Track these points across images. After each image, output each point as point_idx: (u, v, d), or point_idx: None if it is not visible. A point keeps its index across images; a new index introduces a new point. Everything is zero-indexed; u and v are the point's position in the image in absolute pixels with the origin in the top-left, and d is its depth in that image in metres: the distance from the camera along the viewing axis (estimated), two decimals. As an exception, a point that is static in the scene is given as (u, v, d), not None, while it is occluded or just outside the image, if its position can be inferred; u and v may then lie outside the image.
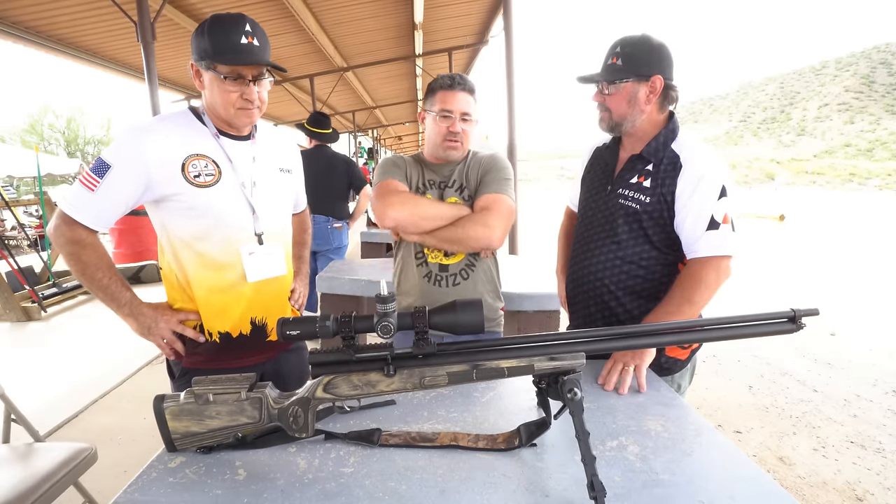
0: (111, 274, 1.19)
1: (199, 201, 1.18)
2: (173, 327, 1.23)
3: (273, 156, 1.35)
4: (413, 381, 0.83)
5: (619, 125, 1.32)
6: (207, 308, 1.25)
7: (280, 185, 1.35)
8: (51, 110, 43.34)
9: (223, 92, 1.17)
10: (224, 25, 1.14)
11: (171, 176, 1.15)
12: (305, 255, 1.65)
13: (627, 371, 1.15)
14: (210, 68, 1.15)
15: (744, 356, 3.87)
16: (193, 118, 1.23)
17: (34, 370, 3.65)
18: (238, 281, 1.26)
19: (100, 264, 1.17)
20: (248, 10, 5.37)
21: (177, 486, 0.81)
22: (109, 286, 1.18)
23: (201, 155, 1.19)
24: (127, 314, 1.20)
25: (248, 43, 1.15)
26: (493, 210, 1.41)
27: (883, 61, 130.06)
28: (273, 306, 1.34)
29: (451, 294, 1.49)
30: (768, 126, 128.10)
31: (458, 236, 1.41)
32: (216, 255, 1.22)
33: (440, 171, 1.52)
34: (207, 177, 1.18)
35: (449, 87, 1.43)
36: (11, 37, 4.90)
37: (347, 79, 10.15)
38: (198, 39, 1.16)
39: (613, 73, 1.27)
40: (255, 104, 1.20)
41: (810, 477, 2.35)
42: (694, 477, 0.82)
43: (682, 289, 1.23)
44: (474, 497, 0.78)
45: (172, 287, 1.27)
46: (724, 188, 1.21)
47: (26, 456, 1.56)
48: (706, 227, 1.21)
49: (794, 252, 9.40)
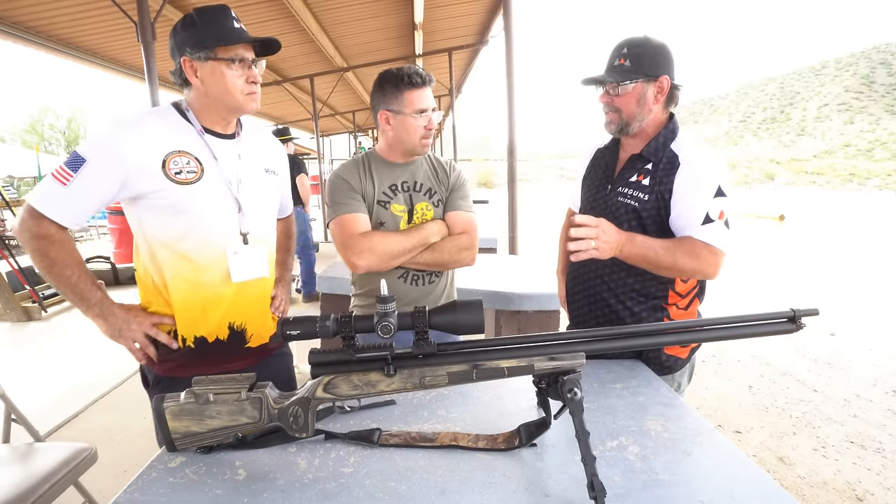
0: (80, 272, 1.13)
1: (180, 199, 1.13)
2: (146, 330, 1.18)
3: (258, 155, 1.32)
4: (413, 381, 0.83)
5: (628, 126, 1.32)
6: (184, 312, 1.20)
7: (266, 185, 1.32)
8: (51, 110, 43.40)
9: (229, 78, 1.14)
10: (215, 14, 1.13)
11: (150, 172, 1.11)
12: (289, 263, 1.59)
13: (588, 243, 1.11)
14: (210, 57, 1.13)
15: (744, 356, 3.87)
16: (177, 114, 1.20)
17: (34, 370, 3.65)
18: (219, 282, 1.21)
19: (69, 261, 1.12)
20: (248, 10, 5.38)
21: (177, 486, 0.81)
22: (78, 284, 1.13)
23: (183, 152, 1.15)
24: (97, 314, 1.15)
25: (240, 27, 1.16)
26: (469, 232, 1.51)
27: (883, 61, 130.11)
28: (253, 311, 1.30)
29: (426, 293, 1.52)
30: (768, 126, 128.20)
31: (443, 261, 1.47)
32: (197, 255, 1.18)
33: (402, 172, 1.51)
34: (189, 174, 1.15)
35: (419, 84, 1.42)
36: (11, 37, 4.90)
37: (347, 79, 10.15)
38: (188, 32, 1.13)
39: (623, 74, 1.27)
40: (258, 87, 1.19)
41: (810, 477, 2.35)
42: (694, 477, 0.82)
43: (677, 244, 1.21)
44: (474, 497, 0.78)
45: (147, 289, 1.22)
46: (719, 188, 1.22)
47: (26, 456, 1.56)
48: (701, 223, 1.21)
49: (794, 252, 9.40)
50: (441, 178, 1.54)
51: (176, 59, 1.17)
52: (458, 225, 1.50)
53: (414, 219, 1.49)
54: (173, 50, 1.17)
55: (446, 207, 1.52)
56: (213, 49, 1.12)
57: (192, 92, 1.19)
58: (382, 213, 1.47)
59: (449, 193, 1.53)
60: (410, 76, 1.42)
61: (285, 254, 1.57)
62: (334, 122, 16.34)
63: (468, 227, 1.51)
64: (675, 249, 1.20)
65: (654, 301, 1.34)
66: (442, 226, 1.49)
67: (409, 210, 1.48)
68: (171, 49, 1.18)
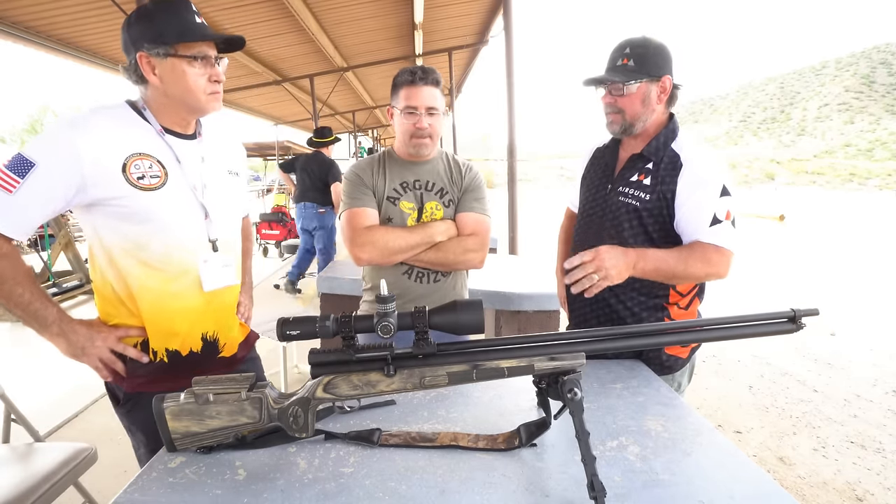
0: (32, 289, 1.02)
1: (143, 205, 1.04)
2: (111, 345, 1.09)
3: (221, 157, 1.24)
4: (413, 381, 0.83)
5: (632, 126, 1.31)
6: (154, 323, 1.11)
7: (229, 188, 1.24)
8: (51, 110, 43.36)
9: (191, 77, 1.05)
10: (174, 6, 1.04)
11: (109, 177, 1.01)
12: (248, 266, 1.51)
13: (591, 279, 1.10)
14: (170, 54, 1.03)
15: (744, 356, 3.87)
16: (133, 113, 1.09)
17: (34, 370, 3.65)
18: (188, 292, 1.14)
19: (18, 278, 1.00)
20: (248, 10, 5.37)
21: (177, 486, 0.81)
22: (32, 303, 1.02)
23: (145, 154, 1.06)
24: (56, 334, 1.05)
25: (202, 22, 1.07)
26: (479, 234, 1.48)
27: (883, 61, 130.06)
28: (224, 320, 1.24)
29: (431, 291, 1.50)
30: (768, 126, 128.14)
31: (447, 261, 1.45)
32: (163, 263, 1.09)
33: (415, 170, 1.50)
34: (153, 178, 1.06)
35: (410, 82, 1.39)
36: (11, 37, 4.90)
37: (347, 79, 10.15)
38: (142, 26, 1.03)
39: (628, 74, 1.26)
40: (221, 86, 1.11)
41: (810, 477, 2.35)
42: (694, 477, 0.82)
43: (688, 251, 1.21)
44: (474, 497, 0.78)
45: (107, 301, 1.12)
46: (724, 187, 1.22)
47: (26, 456, 1.56)
48: (709, 224, 1.21)
49: (794, 252, 9.40)
50: (455, 178, 1.52)
51: (130, 54, 1.06)
52: (468, 226, 1.48)
53: (423, 217, 1.48)
54: (126, 44, 1.06)
55: (458, 208, 1.50)
56: (174, 45, 1.03)
57: (148, 90, 1.09)
58: (391, 210, 1.47)
59: (462, 194, 1.51)
60: (405, 72, 1.40)
61: (245, 256, 1.47)
62: (334, 122, 16.33)
63: (478, 228, 1.48)
64: (686, 258, 1.19)
65: (655, 301, 1.34)
66: (450, 225, 1.48)
67: (418, 208, 1.48)
68: (123, 43, 1.07)
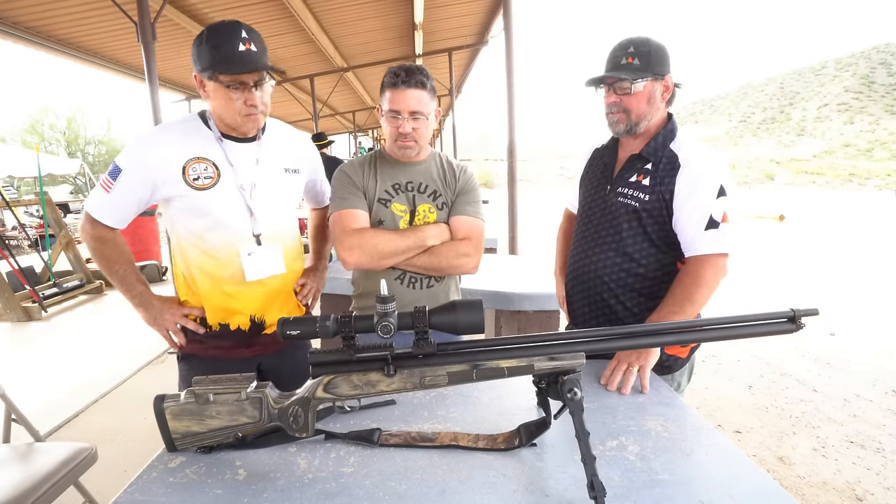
0: (128, 267, 1.31)
1: (199, 203, 1.24)
2: (177, 319, 1.32)
3: (279, 156, 1.37)
4: (413, 381, 0.83)
5: (637, 125, 1.31)
6: (209, 302, 1.32)
7: (283, 186, 1.37)
8: (51, 110, 43.33)
9: (228, 100, 1.21)
10: (221, 35, 1.17)
11: (173, 178, 1.22)
12: (325, 251, 1.63)
13: (631, 371, 1.15)
14: (212, 78, 1.19)
15: (744, 356, 3.87)
16: (200, 123, 1.29)
17: (34, 370, 3.65)
18: (237, 279, 1.31)
19: (119, 259, 1.30)
20: (248, 11, 5.37)
21: (177, 486, 0.81)
22: (126, 278, 1.31)
23: (201, 158, 1.25)
24: (138, 304, 1.31)
25: (247, 50, 1.17)
26: (473, 238, 1.44)
27: (883, 61, 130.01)
28: (273, 304, 1.38)
29: (424, 296, 1.45)
30: (768, 126, 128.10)
31: (440, 266, 1.41)
32: (217, 253, 1.28)
33: (407, 172, 1.45)
34: (206, 179, 1.24)
35: (393, 84, 1.33)
36: (11, 37, 4.91)
37: (347, 79, 10.16)
38: (197, 51, 1.20)
39: (634, 73, 1.26)
40: (259, 109, 1.23)
41: (810, 477, 2.35)
42: (694, 477, 0.82)
43: (683, 287, 1.23)
44: (474, 497, 0.78)
45: (180, 282, 1.35)
46: (722, 187, 1.22)
47: (26, 456, 1.56)
48: (705, 227, 1.21)
49: (794, 252, 9.40)
50: (448, 180, 1.47)
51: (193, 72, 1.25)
52: (461, 230, 1.43)
53: (415, 220, 1.44)
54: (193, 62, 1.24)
55: (451, 211, 1.45)
56: (215, 72, 1.18)
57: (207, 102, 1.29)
58: (382, 212, 1.42)
59: (456, 197, 1.46)
60: (392, 73, 1.34)
61: (320, 243, 1.65)
62: (334, 122, 16.34)
63: (471, 232, 1.44)
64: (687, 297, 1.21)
65: (655, 301, 1.33)
66: (443, 229, 1.43)
67: (410, 211, 1.44)
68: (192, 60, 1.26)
